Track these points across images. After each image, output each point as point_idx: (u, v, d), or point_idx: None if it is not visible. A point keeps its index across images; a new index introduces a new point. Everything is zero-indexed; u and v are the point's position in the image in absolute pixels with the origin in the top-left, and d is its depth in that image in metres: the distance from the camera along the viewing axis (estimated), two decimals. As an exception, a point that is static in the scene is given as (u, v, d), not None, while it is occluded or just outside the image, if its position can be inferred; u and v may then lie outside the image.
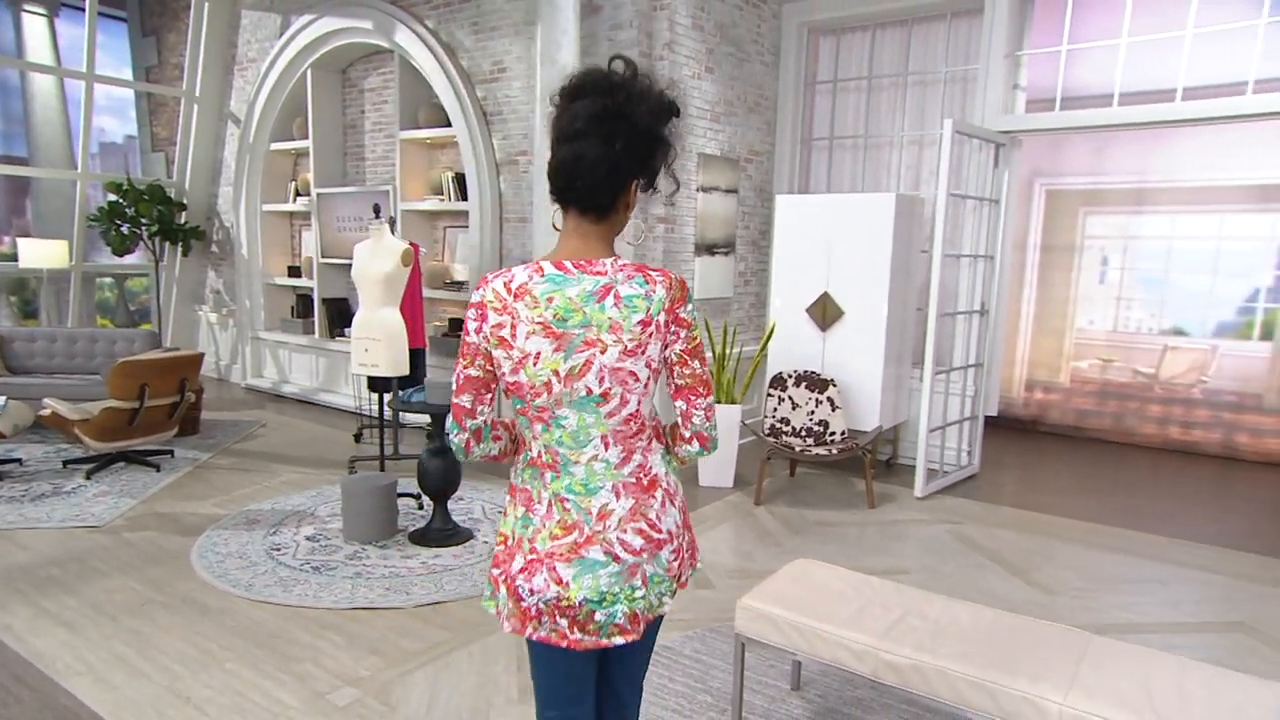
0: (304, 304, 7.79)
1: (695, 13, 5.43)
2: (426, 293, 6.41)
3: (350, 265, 5.38)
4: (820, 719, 2.69)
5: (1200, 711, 1.96)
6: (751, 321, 6.41)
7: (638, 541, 1.53)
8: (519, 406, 1.55)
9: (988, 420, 5.82)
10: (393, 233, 5.20)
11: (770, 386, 5.36)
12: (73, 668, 2.88)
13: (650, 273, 1.53)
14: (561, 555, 1.51)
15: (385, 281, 4.48)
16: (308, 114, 7.23)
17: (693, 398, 1.58)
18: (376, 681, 2.87)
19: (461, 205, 6.28)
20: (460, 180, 6.32)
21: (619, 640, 1.53)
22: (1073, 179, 7.05)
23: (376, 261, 4.50)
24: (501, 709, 2.72)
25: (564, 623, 1.51)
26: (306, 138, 7.30)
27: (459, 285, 6.51)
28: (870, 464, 4.96)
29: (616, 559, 1.52)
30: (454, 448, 1.57)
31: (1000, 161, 5.47)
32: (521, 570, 1.54)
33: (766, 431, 5.21)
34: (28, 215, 8.96)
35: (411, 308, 5.18)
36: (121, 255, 7.66)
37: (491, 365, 1.53)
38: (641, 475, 1.56)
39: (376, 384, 5.26)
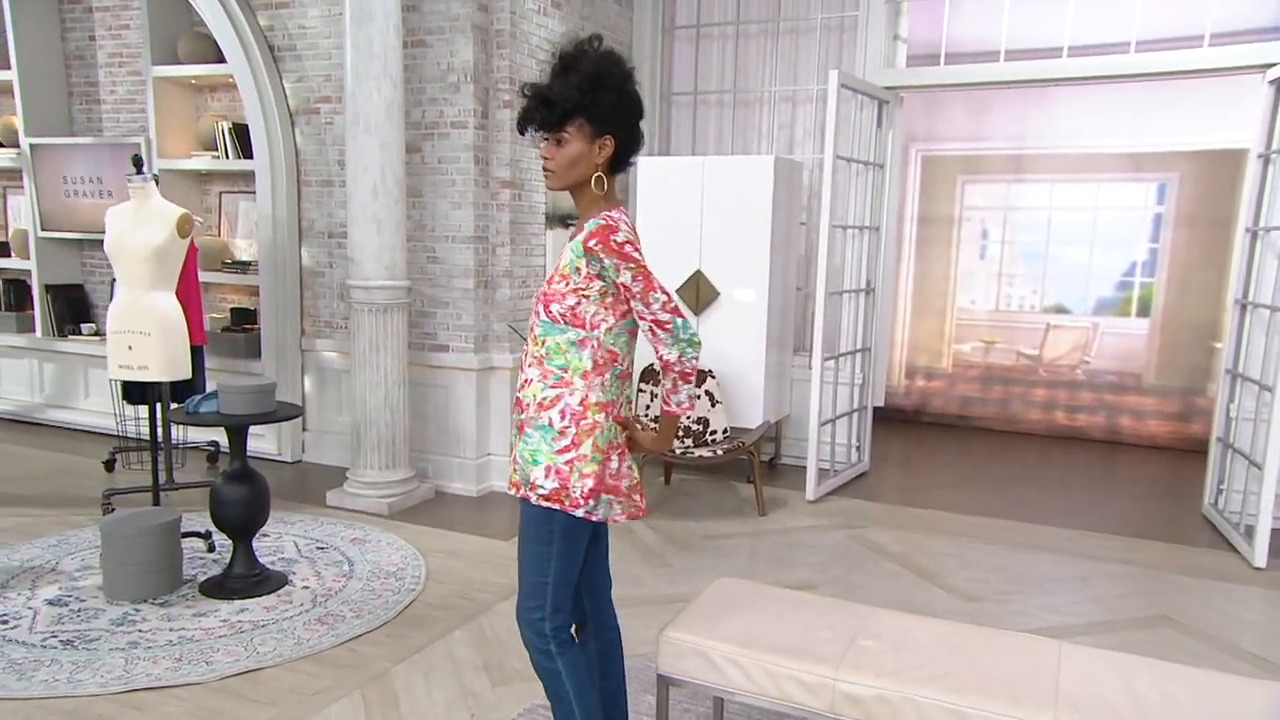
0: (17, 292, 6.85)
1: (540, -67, 5.26)
2: (201, 275, 5.81)
3: (104, 238, 4.69)
4: (756, 769, 2.64)
5: (1195, 716, 2.07)
6: (611, 305, 6.32)
7: None
8: (629, 327, 2.19)
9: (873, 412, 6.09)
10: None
11: (640, 381, 5.30)
12: None
13: None
14: (623, 448, 2.24)
15: (156, 257, 3.99)
16: (7, 36, 6.32)
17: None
18: (179, 786, 2.51)
19: (244, 164, 5.74)
20: (241, 133, 5.77)
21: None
22: (951, 144, 7.54)
23: (142, 230, 3.99)
24: (361, 803, 2.45)
25: (637, 498, 2.27)
26: (8, 68, 6.39)
27: (244, 266, 5.95)
28: (758, 466, 5.02)
29: None
30: (698, 341, 2.15)
31: (884, 121, 5.72)
32: (616, 472, 2.19)
33: (641, 434, 5.14)
34: None
35: (186, 295, 4.65)
36: None
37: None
38: None
39: (137, 392, 4.68)
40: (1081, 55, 5.31)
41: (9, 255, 6.80)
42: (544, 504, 2.14)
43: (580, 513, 2.13)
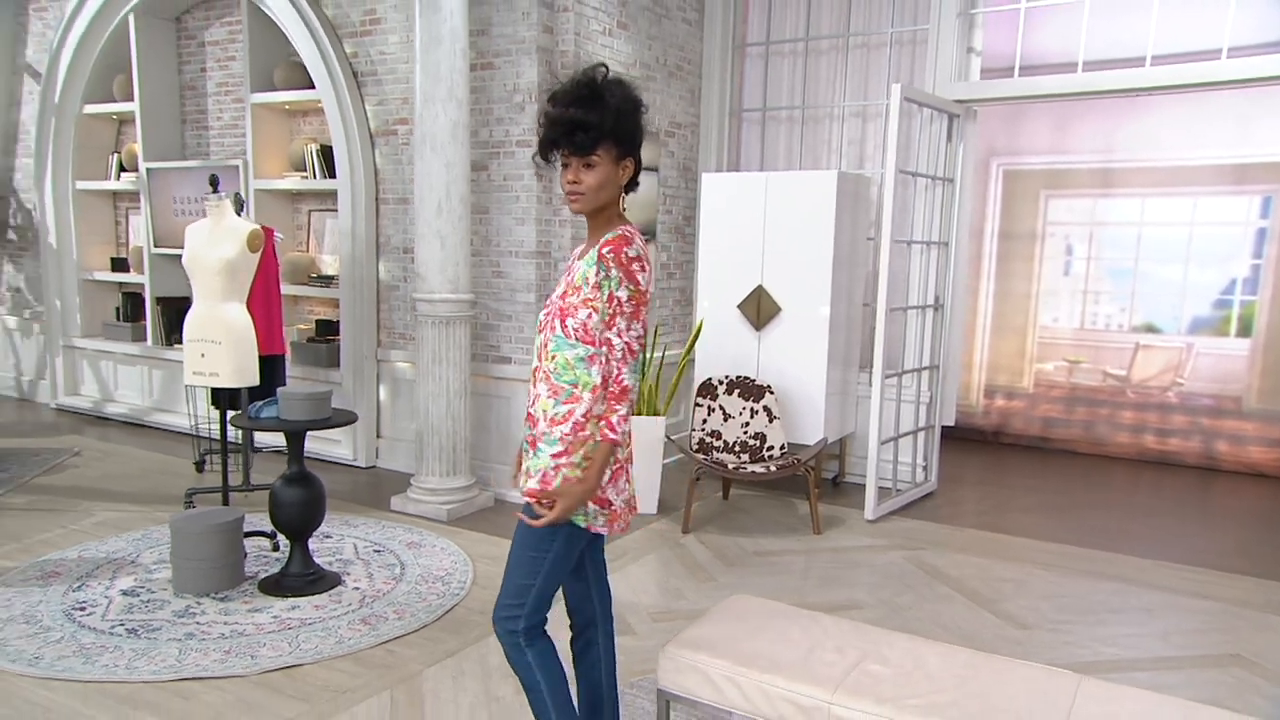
0: (133, 304, 7.29)
1: (606, -44, 5.31)
2: (288, 289, 6.08)
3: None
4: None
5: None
6: (677, 321, 6.29)
7: None
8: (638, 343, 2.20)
9: (944, 431, 5.85)
10: (240, 213, 4.86)
11: (698, 395, 5.24)
12: None
13: None
14: (624, 466, 2.29)
15: (227, 271, 4.17)
16: (132, 70, 6.77)
17: None
18: (204, 773, 2.58)
19: (329, 184, 5.96)
20: (327, 154, 6.00)
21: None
22: (1033, 158, 7.22)
23: (216, 246, 4.18)
24: (366, 801, 2.47)
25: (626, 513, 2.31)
26: (131, 99, 6.83)
27: (327, 280, 6.18)
28: (815, 483, 4.89)
29: None
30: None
31: (955, 135, 5.52)
32: (610, 482, 2.21)
33: (694, 447, 5.08)
34: None
35: (266, 305, 4.86)
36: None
37: None
38: None
39: (221, 398, 4.90)
40: (1167, 64, 5.00)
41: (128, 270, 7.25)
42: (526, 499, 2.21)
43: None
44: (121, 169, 7.18)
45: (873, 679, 2.25)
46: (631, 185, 2.23)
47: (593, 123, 2.07)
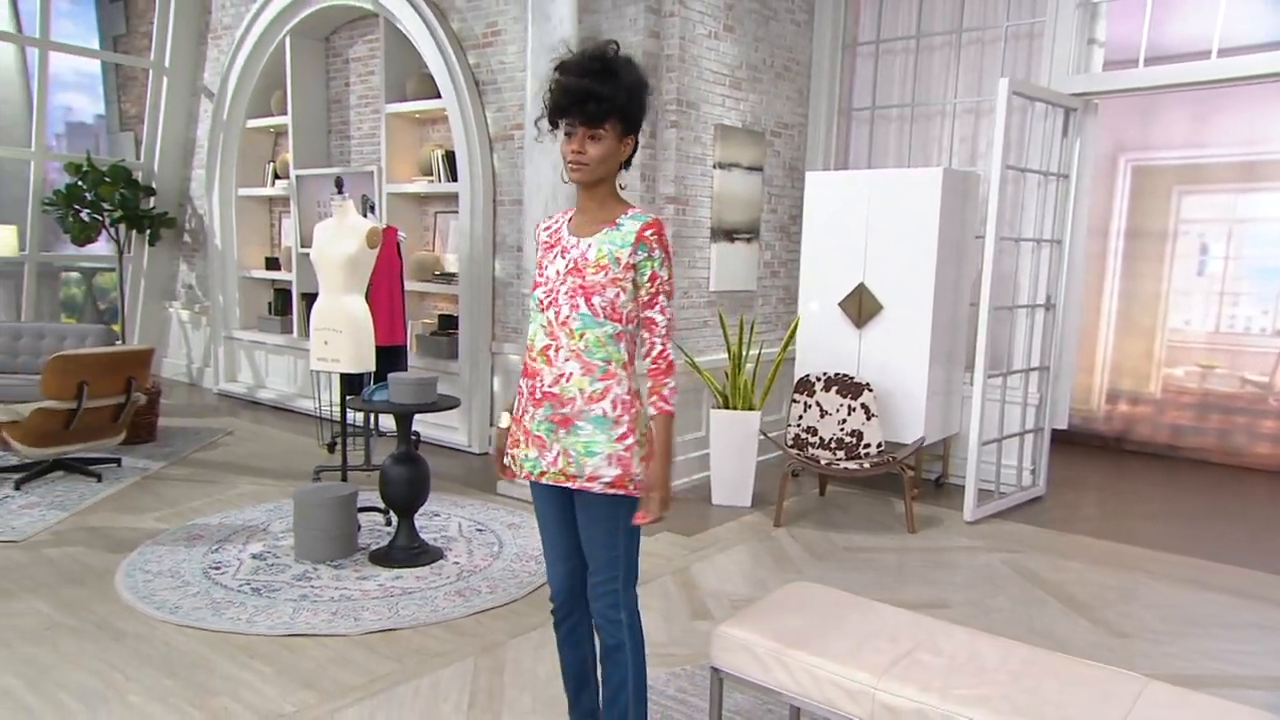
0: (282, 300, 7.83)
1: (712, -39, 5.33)
2: (414, 285, 6.39)
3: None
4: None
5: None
6: (779, 319, 6.24)
7: None
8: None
9: (1057, 435, 5.57)
10: (366, 215, 5.17)
11: (795, 391, 5.19)
12: (-50, 698, 2.83)
13: None
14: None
15: (348, 265, 4.43)
16: (287, 86, 7.28)
17: None
18: (301, 719, 2.77)
19: (451, 187, 6.24)
20: (451, 159, 6.28)
21: None
22: (1166, 153, 6.77)
23: (339, 242, 4.46)
24: (438, 754, 2.60)
25: None
26: (286, 113, 7.35)
27: (449, 278, 6.46)
28: (912, 482, 4.75)
29: None
30: None
31: (1071, 129, 5.25)
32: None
33: (790, 443, 5.03)
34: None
35: (390, 299, 5.14)
36: (81, 244, 7.77)
37: None
38: None
39: (347, 384, 5.21)
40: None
41: (279, 268, 7.79)
42: (609, 492, 2.19)
43: (640, 494, 2.20)
44: (276, 176, 7.72)
45: (923, 668, 2.19)
46: (627, 163, 2.24)
47: (606, 95, 2.06)
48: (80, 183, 7.52)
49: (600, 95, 2.07)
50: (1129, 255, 6.91)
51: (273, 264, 7.87)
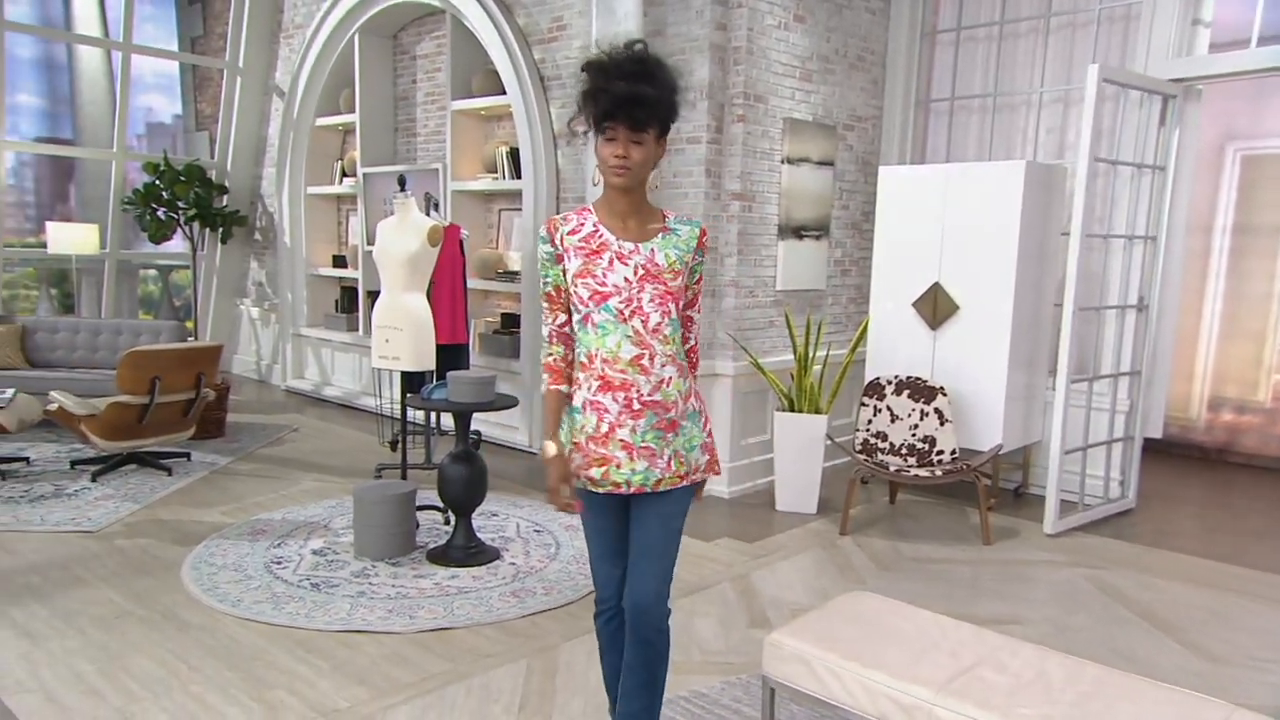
0: (349, 297, 8.05)
1: (782, -51, 5.30)
2: (477, 284, 6.51)
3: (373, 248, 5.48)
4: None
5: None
6: (851, 319, 6.16)
7: None
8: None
9: (1150, 444, 5.37)
10: (429, 213, 5.28)
11: (864, 395, 5.12)
12: (24, 683, 2.99)
13: None
14: None
15: (410, 263, 4.55)
16: (355, 84, 7.49)
17: None
18: (354, 715, 2.85)
19: (515, 184, 6.33)
20: (515, 156, 6.38)
21: None
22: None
23: (401, 240, 4.58)
24: (487, 755, 2.65)
25: None
26: (354, 111, 7.56)
27: (513, 276, 6.56)
28: (988, 491, 4.64)
29: None
30: None
31: (1170, 118, 5.05)
32: None
33: (858, 448, 4.97)
34: (71, 201, 9.67)
35: (452, 298, 5.24)
36: (158, 242, 8.14)
37: None
38: None
39: (409, 382, 5.33)
40: None
41: (345, 266, 8.02)
42: (693, 480, 2.35)
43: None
44: (343, 174, 7.95)
45: (984, 685, 2.14)
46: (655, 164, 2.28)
47: (652, 99, 2.09)
48: (157, 182, 7.88)
49: (647, 100, 2.09)
50: (1235, 253, 6.61)
51: (340, 262, 8.10)
